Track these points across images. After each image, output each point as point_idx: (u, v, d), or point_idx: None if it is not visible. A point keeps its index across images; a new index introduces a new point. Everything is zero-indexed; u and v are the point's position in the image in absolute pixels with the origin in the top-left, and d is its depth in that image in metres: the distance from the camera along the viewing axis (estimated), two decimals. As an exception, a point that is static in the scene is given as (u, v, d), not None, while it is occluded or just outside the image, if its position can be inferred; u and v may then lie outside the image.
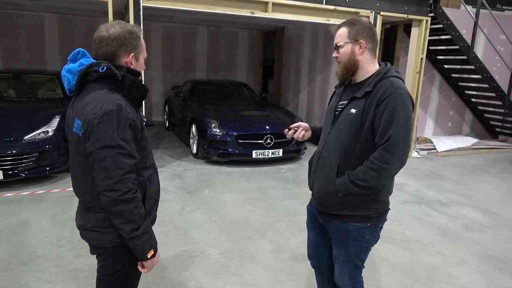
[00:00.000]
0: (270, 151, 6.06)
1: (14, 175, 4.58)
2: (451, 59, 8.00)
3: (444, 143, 7.83)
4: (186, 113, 7.11)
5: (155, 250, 1.60)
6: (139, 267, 1.63)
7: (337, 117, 1.91)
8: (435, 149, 7.71)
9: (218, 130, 6.01)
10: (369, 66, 1.85)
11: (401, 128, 1.70)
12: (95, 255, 1.74)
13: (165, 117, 9.15)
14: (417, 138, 7.86)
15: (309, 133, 2.16)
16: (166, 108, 9.02)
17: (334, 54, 1.90)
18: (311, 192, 2.08)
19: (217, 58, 10.67)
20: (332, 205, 1.92)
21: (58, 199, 4.38)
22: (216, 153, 6.01)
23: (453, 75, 8.33)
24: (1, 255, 3.15)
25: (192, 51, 10.35)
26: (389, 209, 2.00)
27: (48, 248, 3.28)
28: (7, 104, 5.82)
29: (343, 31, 1.84)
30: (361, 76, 1.86)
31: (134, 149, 1.53)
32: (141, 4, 4.99)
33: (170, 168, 5.85)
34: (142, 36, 1.65)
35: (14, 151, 4.59)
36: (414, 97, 7.05)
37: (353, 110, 1.81)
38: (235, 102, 7.53)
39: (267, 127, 6.17)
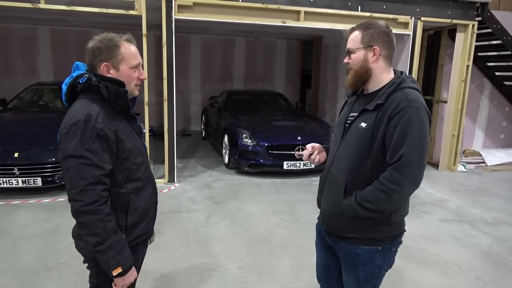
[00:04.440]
0: (302, 162, 5.90)
1: (52, 182, 4.80)
2: (503, 65, 7.41)
3: (495, 156, 7.23)
4: (220, 123, 7.16)
5: (125, 269, 1.52)
6: (112, 284, 1.58)
7: (346, 130, 1.75)
8: (484, 162, 7.13)
9: (249, 141, 5.96)
10: (383, 74, 1.69)
11: (414, 146, 1.53)
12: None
13: (202, 127, 9.29)
14: (464, 151, 7.33)
15: (324, 155, 1.97)
16: (203, 118, 9.17)
17: (346, 60, 1.74)
18: (319, 210, 1.95)
19: (254, 68, 10.71)
20: (339, 227, 1.77)
21: (90, 206, 4.52)
22: (247, 163, 5.96)
23: (505, 82, 7.70)
24: (29, 259, 3.28)
25: (230, 62, 10.48)
26: (405, 230, 1.81)
27: (72, 254, 3.34)
28: (52, 114, 6.17)
29: (356, 35, 1.69)
30: (374, 85, 1.70)
31: (106, 160, 1.50)
32: (173, 17, 5.10)
33: (201, 178, 5.88)
34: (126, 45, 1.59)
35: (53, 159, 4.82)
36: (459, 106, 6.60)
37: (363, 124, 1.65)
38: (269, 112, 7.47)
39: (299, 137, 6.03)
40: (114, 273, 1.50)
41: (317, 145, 1.98)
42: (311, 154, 1.96)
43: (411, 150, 1.53)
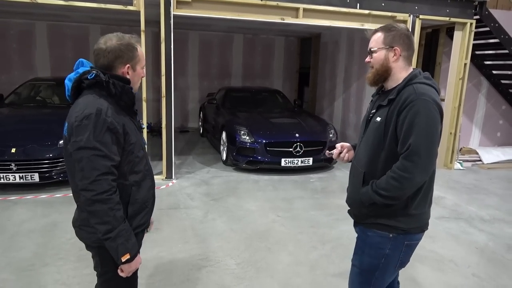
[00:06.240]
0: (300, 159, 5.92)
1: (49, 178, 4.79)
2: (500, 64, 7.44)
3: (492, 155, 7.26)
4: (218, 119, 7.16)
5: (133, 255, 1.60)
6: (118, 270, 1.63)
7: (367, 126, 1.89)
8: (480, 160, 7.17)
9: (247, 138, 5.97)
10: (401, 73, 1.81)
11: (421, 136, 1.62)
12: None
13: (200, 123, 9.28)
14: (461, 149, 7.37)
15: (352, 153, 2.10)
16: (201, 115, 9.16)
17: (367, 59, 1.87)
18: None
19: (253, 65, 10.70)
20: (359, 214, 1.89)
21: (88, 202, 4.52)
22: (245, 160, 5.96)
23: (502, 81, 7.74)
24: (26, 255, 3.28)
25: (228, 59, 10.45)
26: (426, 229, 1.86)
27: (70, 250, 3.37)
28: (49, 110, 6.14)
29: (378, 36, 1.82)
30: (392, 83, 1.83)
31: (114, 152, 1.56)
32: (172, 13, 5.08)
33: (199, 175, 5.88)
34: (139, 47, 1.69)
35: (50, 155, 4.81)
36: (456, 104, 6.63)
37: (378, 119, 1.79)
38: (267, 109, 7.46)
39: (297, 134, 6.04)
40: (123, 259, 1.56)
41: (346, 144, 2.13)
42: (340, 153, 2.10)
43: (418, 140, 1.62)
